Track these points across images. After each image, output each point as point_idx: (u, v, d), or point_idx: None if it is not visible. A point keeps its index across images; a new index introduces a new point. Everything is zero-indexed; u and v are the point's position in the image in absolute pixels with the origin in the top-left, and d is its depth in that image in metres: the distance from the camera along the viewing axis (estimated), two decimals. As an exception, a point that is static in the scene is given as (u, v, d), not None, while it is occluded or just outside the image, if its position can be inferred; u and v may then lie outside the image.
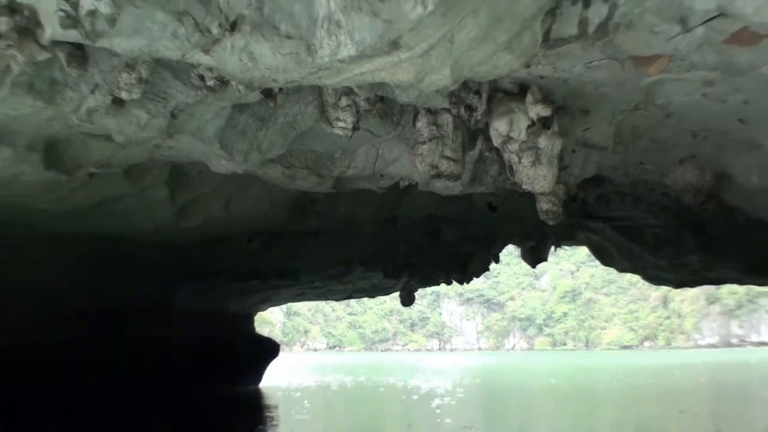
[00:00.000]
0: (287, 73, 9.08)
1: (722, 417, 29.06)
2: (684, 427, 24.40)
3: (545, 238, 31.67)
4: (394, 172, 14.43)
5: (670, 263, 30.02)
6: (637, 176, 18.60)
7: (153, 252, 20.53)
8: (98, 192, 15.51)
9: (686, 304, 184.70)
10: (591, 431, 25.62)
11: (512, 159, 12.18)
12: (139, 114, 11.32)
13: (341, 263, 27.30)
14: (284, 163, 13.82)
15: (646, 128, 14.08)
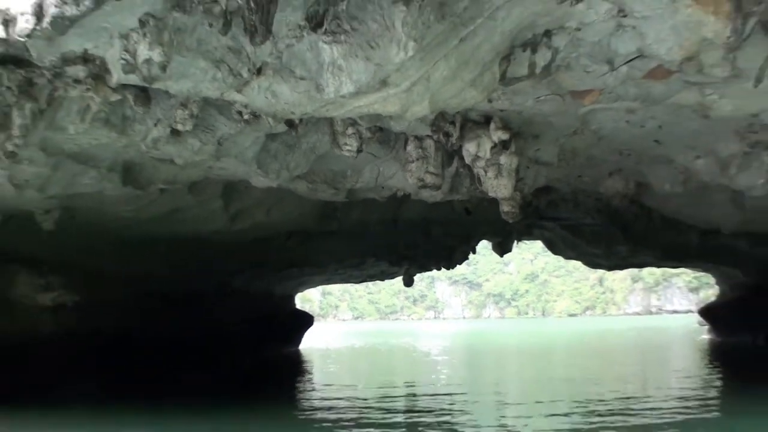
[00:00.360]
0: (302, 107, 8.56)
1: (642, 361, 28.67)
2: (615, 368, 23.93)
3: (510, 234, 31.35)
4: (392, 185, 13.92)
5: (603, 252, 29.72)
6: (576, 186, 18.12)
7: (217, 249, 20.00)
8: (168, 203, 15.00)
9: (616, 283, 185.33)
10: (546, 370, 25.04)
11: (480, 173, 11.68)
12: (193, 142, 10.84)
13: (357, 255, 26.92)
14: (308, 179, 13.30)
15: (583, 148, 13.55)
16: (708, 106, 10.19)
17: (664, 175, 15.61)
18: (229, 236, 18.03)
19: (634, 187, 16.97)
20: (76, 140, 10.52)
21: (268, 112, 9.04)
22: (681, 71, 9.04)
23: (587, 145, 13.39)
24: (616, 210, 22.56)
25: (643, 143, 13.35)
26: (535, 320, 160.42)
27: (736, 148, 13.31)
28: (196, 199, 15.14)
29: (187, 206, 15.50)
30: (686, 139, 13.05)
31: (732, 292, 34.85)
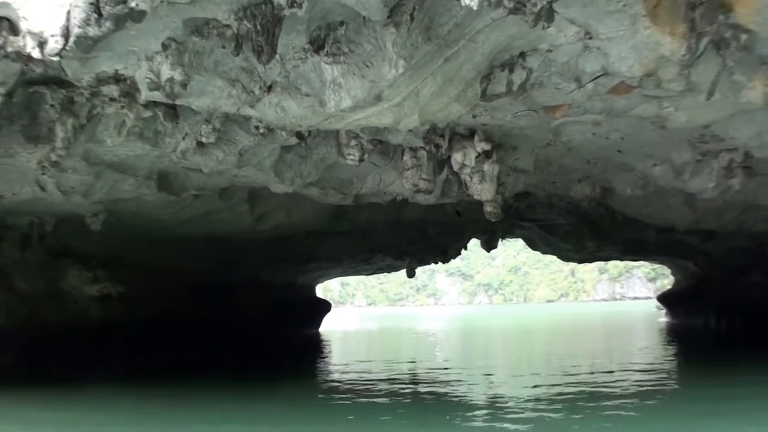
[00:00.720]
0: (307, 120, 8.13)
1: (610, 339, 28.23)
2: (587, 345, 23.49)
3: (495, 233, 30.94)
4: (392, 191, 13.47)
5: (574, 247, 29.17)
6: (551, 191, 17.65)
7: (246, 246, 19.62)
8: (201, 207, 14.63)
9: (586, 274, 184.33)
10: (529, 347, 24.53)
11: (467, 179, 11.25)
12: (217, 153, 10.43)
13: (366, 251, 26.43)
14: (320, 186, 12.86)
15: (556, 158, 13.08)
16: (665, 117, 9.70)
17: (626, 181, 15.19)
18: (255, 235, 17.61)
19: (600, 192, 16.52)
20: (114, 152, 10.14)
21: (278, 125, 8.62)
22: (641, 86, 8.56)
23: (559, 155, 12.92)
24: (585, 211, 22.15)
25: (608, 153, 12.89)
26: (518, 305, 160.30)
27: (689, 157, 12.88)
28: (226, 203, 14.73)
29: (218, 209, 15.11)
30: (645, 148, 12.64)
31: (686, 281, 34.36)
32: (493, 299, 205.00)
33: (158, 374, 16.31)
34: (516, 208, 20.78)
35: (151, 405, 12.14)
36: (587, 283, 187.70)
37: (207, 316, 20.20)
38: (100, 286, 15.78)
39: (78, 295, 15.54)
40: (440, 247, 30.79)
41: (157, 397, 12.96)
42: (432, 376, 15.63)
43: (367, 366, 18.42)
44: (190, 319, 19.15)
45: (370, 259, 30.23)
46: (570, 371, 15.77)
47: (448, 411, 10.98)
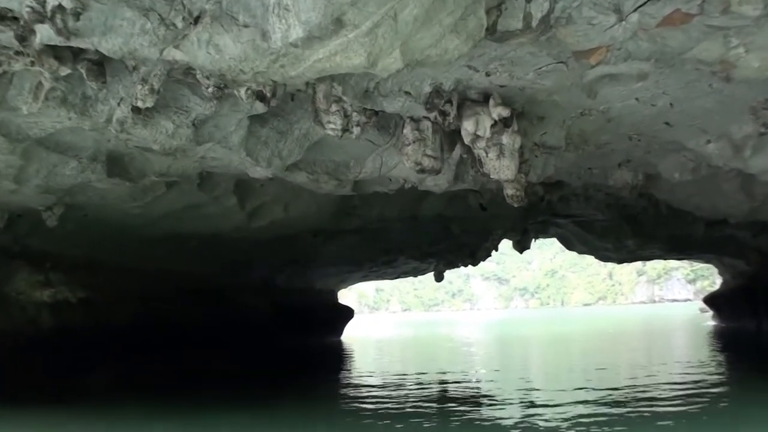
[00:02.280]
0: (250, 62, 6.05)
1: (655, 347, 25.71)
2: (632, 354, 21.06)
3: (527, 232, 28.69)
4: (396, 175, 11.28)
5: (613, 246, 26.67)
6: (587, 179, 15.39)
7: (245, 246, 17.60)
8: (179, 200, 12.61)
9: (624, 276, 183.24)
10: (569, 356, 22.05)
11: (481, 154, 9.02)
12: (166, 125, 8.37)
13: (383, 252, 24.06)
14: (308, 170, 10.73)
15: (591, 132, 10.84)
16: (731, 63, 7.42)
17: (673, 164, 12.91)
18: (252, 234, 15.58)
19: (643, 179, 14.27)
20: (38, 123, 8.14)
21: (212, 71, 6.50)
22: (703, 12, 6.34)
23: (596, 128, 10.71)
24: (625, 204, 19.92)
25: (654, 126, 10.59)
26: (555, 309, 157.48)
27: (751, 129, 10.63)
28: (208, 195, 12.72)
29: (201, 203, 13.11)
30: (699, 120, 10.41)
31: (735, 281, 31.62)
32: (529, 303, 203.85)
33: (126, 388, 14.26)
34: (548, 201, 18.52)
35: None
36: (625, 286, 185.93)
37: (202, 322, 18.11)
38: (53, 290, 13.79)
39: (26, 300, 13.56)
40: (468, 248, 28.51)
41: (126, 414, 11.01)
42: (466, 393, 13.35)
43: (385, 380, 16.14)
44: (181, 325, 17.04)
45: (392, 262, 28.04)
46: (614, 384, 13.47)
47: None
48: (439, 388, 13.82)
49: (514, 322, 65.02)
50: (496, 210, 18.41)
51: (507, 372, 16.58)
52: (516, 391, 12.98)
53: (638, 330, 38.58)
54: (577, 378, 14.92)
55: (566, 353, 22.92)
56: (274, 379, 15.89)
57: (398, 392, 13.28)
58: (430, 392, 13.33)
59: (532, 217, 20.94)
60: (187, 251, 16.65)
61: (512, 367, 17.93)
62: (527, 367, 18.57)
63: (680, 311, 74.12)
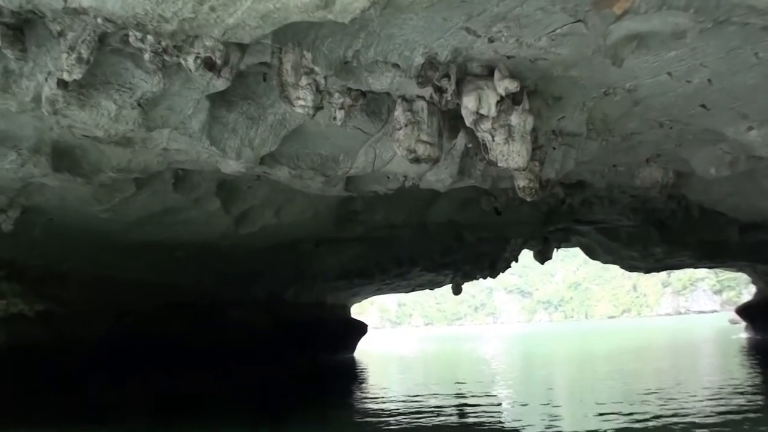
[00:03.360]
0: (169, 3, 4.60)
1: (689, 362, 23.89)
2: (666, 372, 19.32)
3: (548, 242, 27.08)
4: (392, 170, 9.77)
5: (640, 254, 24.94)
6: (611, 179, 13.93)
7: (239, 256, 16.18)
8: (153, 203, 11.21)
9: (649, 288, 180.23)
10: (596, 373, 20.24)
11: (486, 138, 7.52)
12: (107, 105, 6.99)
13: (394, 262, 22.44)
14: (291, 165, 9.30)
15: (616, 118, 9.34)
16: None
17: (708, 158, 11.41)
18: (243, 242, 14.14)
19: (674, 177, 12.73)
20: (-48, 105, 6.77)
21: (128, 19, 5.07)
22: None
23: (621, 113, 9.20)
24: (653, 208, 18.30)
25: (688, 108, 9.10)
26: (579, 323, 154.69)
27: (801, 113, 9.20)
28: (187, 197, 11.31)
29: (180, 207, 11.72)
30: (740, 102, 8.95)
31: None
32: (553, 317, 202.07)
33: (75, 413, 12.79)
34: (569, 204, 16.94)
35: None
36: (650, 298, 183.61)
37: (191, 340, 16.52)
38: (4, 302, 12.37)
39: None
40: (486, 259, 26.92)
41: None
42: (488, 421, 11.75)
43: (398, 403, 14.52)
44: (165, 343, 15.46)
45: (405, 274, 26.46)
46: (647, 408, 11.83)
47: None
48: (458, 417, 12.15)
49: (538, 337, 62.89)
50: (512, 215, 16.88)
51: (532, 396, 14.98)
52: (541, 421, 11.33)
53: (667, 344, 36.57)
54: (606, 402, 13.26)
55: (594, 373, 21.12)
56: (269, 405, 14.35)
57: (411, 419, 11.71)
58: (447, 419, 11.69)
59: (552, 223, 19.31)
60: (174, 262, 15.24)
61: (537, 390, 16.29)
62: (553, 388, 16.84)
63: (708, 323, 71.78)
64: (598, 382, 16.93)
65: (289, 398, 15.35)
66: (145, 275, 15.24)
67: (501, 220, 17.07)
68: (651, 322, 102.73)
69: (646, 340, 42.90)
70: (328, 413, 13.21)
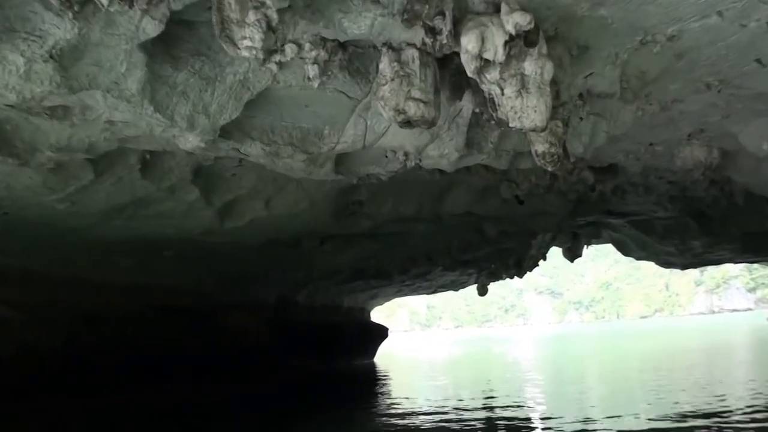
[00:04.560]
0: None
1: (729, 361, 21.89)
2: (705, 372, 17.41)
3: (578, 238, 25.34)
4: (387, 144, 8.15)
5: (676, 249, 23.00)
6: (647, 161, 12.30)
7: (235, 255, 14.73)
8: (120, 193, 9.68)
9: (681, 287, 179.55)
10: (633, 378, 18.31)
11: (493, 90, 5.90)
12: (14, 58, 5.50)
13: (408, 260, 20.69)
14: (264, 139, 7.74)
15: (656, 76, 7.68)
16: None
17: (761, 131, 9.79)
18: (232, 238, 12.60)
19: (719, 156, 11.03)
20: None
21: None
22: None
23: (661, 69, 7.55)
24: (692, 197, 16.46)
25: (740, 64, 7.49)
26: (611, 323, 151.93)
27: None
28: (158, 186, 9.79)
29: (153, 197, 10.19)
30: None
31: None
32: (584, 317, 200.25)
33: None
34: (600, 192, 15.16)
35: None
36: (682, 297, 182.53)
37: (185, 348, 14.89)
38: None
39: None
40: (511, 256, 25.18)
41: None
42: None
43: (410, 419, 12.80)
44: (151, 352, 13.84)
45: (426, 274, 24.81)
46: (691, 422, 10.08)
47: None
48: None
49: (569, 339, 60.65)
50: (536, 205, 15.19)
51: (567, 407, 13.21)
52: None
53: (705, 346, 34.29)
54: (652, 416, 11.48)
55: (633, 381, 19.16)
56: (271, 421, 12.75)
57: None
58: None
59: (581, 215, 17.52)
60: (165, 262, 13.75)
61: (572, 399, 14.43)
62: (588, 398, 14.94)
63: (744, 322, 69.23)
64: (638, 392, 15.06)
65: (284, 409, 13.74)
66: (132, 277, 13.74)
67: (524, 210, 15.38)
68: (685, 322, 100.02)
69: (684, 341, 40.65)
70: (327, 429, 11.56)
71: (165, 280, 14.56)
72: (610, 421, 10.67)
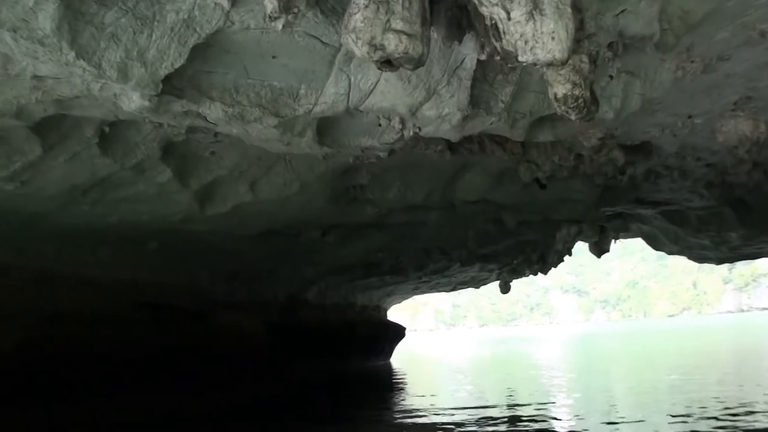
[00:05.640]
0: None
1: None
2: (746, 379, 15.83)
3: (605, 232, 23.65)
4: (376, 105, 6.73)
5: (711, 242, 21.20)
6: (684, 138, 10.98)
7: (240, 250, 13.47)
8: (77, 171, 8.37)
9: (709, 285, 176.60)
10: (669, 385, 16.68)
11: (496, 13, 4.49)
12: None
13: (422, 254, 19.17)
14: (226, 100, 6.40)
15: (701, 18, 6.21)
16: None
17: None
18: (217, 227, 11.25)
19: (766, 131, 9.55)
20: None
21: None
22: None
23: (708, 8, 6.14)
24: (731, 183, 14.89)
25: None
26: (638, 322, 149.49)
27: None
28: (121, 164, 8.47)
29: (119, 179, 8.90)
30: None
31: None
32: (610, 316, 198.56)
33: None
34: (631, 177, 13.62)
35: None
36: (710, 295, 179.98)
37: (168, 350, 13.40)
38: None
39: None
40: (533, 251, 23.63)
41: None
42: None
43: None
44: (130, 355, 12.45)
45: (444, 270, 23.34)
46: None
47: None
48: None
49: (597, 338, 58.63)
50: (560, 190, 13.70)
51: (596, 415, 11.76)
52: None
53: (739, 347, 32.39)
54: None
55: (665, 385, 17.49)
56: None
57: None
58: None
59: (608, 203, 15.97)
60: (149, 255, 12.47)
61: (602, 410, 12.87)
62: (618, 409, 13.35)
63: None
64: (676, 404, 13.48)
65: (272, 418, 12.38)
66: (115, 272, 12.45)
67: (546, 197, 13.90)
68: (714, 321, 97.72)
69: (716, 340, 38.79)
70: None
71: (153, 276, 13.26)
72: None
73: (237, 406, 14.60)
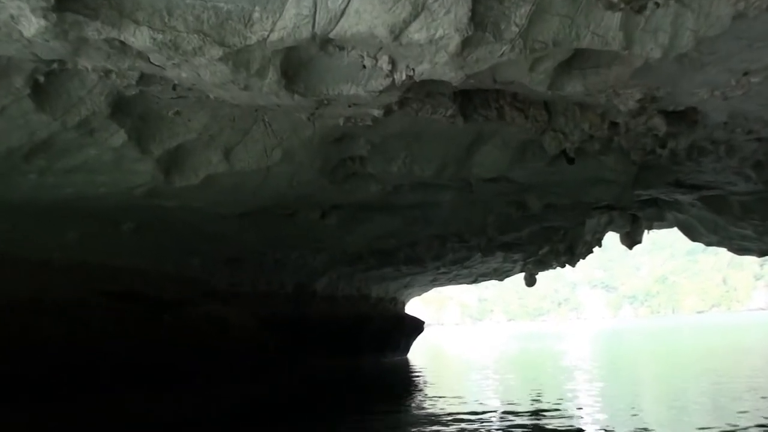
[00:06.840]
0: None
1: None
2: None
3: (638, 221, 22.28)
4: (350, 32, 5.14)
5: (755, 231, 19.27)
6: (736, 104, 9.42)
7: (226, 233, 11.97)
8: (11, 130, 6.98)
9: (739, 281, 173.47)
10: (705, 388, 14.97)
11: None
12: None
13: (436, 240, 17.35)
14: (156, 24, 4.89)
15: None
16: None
17: None
18: (192, 202, 9.74)
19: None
20: None
21: None
22: None
23: None
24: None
25: None
26: (667, 318, 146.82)
27: None
28: (65, 123, 7.01)
29: (64, 141, 7.46)
30: None
31: None
32: (639, 312, 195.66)
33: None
34: (671, 152, 11.90)
35: None
36: (740, 292, 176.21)
37: (151, 346, 11.99)
38: None
39: None
40: (562, 239, 21.92)
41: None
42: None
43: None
44: (104, 351, 11.00)
45: (464, 260, 21.72)
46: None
47: None
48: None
49: (626, 335, 56.32)
50: (591, 168, 12.02)
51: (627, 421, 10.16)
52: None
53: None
54: None
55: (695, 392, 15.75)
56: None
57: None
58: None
59: (644, 185, 14.26)
60: (125, 237, 11.02)
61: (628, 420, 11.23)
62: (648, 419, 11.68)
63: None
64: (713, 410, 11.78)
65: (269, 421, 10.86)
66: (80, 255, 11.00)
67: (575, 176, 12.25)
68: (745, 318, 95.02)
69: (746, 339, 36.77)
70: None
71: (129, 261, 11.81)
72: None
73: (231, 406, 13.11)
